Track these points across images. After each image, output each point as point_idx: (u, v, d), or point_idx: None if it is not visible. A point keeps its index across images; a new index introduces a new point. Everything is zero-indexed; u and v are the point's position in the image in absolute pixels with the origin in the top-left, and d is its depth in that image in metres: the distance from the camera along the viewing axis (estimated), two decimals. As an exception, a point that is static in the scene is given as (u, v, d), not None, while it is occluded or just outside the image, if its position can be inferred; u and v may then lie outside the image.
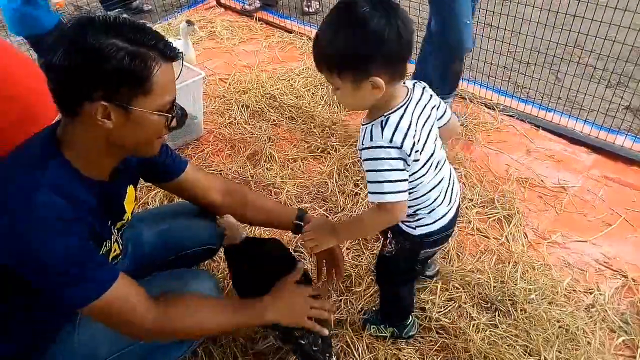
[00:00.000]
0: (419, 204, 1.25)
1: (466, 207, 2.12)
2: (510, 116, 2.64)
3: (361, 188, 2.22)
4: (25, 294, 1.07)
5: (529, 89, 2.75)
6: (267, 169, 2.39)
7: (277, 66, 3.22)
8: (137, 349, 1.20)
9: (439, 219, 1.29)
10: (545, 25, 2.44)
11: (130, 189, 1.26)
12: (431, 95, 1.20)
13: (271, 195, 2.24)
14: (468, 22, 1.94)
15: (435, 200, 1.26)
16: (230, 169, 2.41)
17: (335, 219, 2.09)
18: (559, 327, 1.65)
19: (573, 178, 2.26)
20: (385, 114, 1.11)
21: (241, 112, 2.79)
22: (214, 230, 1.55)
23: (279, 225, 1.56)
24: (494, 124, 2.60)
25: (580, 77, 2.47)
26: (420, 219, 1.28)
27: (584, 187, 2.21)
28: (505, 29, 2.62)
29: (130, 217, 1.30)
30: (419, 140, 1.13)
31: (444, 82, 2.18)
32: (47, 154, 1.03)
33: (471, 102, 2.76)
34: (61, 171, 1.02)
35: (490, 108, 2.71)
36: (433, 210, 1.27)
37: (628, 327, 1.67)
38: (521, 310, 1.71)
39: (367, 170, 1.11)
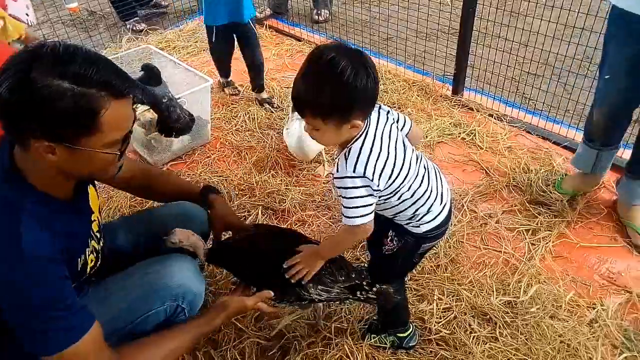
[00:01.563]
0: (415, 204, 1.32)
1: (482, 215, 2.12)
2: (518, 127, 2.64)
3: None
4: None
5: (537, 101, 2.74)
6: (272, 176, 2.41)
7: (286, 74, 3.25)
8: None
9: (438, 215, 1.36)
10: (553, 37, 2.44)
11: (90, 188, 1.27)
12: (387, 112, 1.32)
13: (275, 203, 2.25)
14: (607, 77, 1.82)
15: (428, 197, 1.33)
16: (235, 175, 2.43)
17: (338, 227, 2.10)
18: (561, 341, 1.64)
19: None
20: (347, 146, 1.23)
21: (248, 119, 2.81)
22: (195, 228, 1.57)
23: (189, 200, 1.63)
24: (503, 134, 2.59)
25: (588, 90, 2.46)
26: (422, 217, 1.35)
27: (592, 201, 2.19)
28: (513, 41, 2.62)
29: (100, 216, 1.31)
30: (387, 157, 1.23)
31: (585, 129, 2.06)
32: (15, 187, 1.02)
33: (478, 112, 2.77)
34: (34, 201, 1.02)
35: (497, 119, 2.71)
36: (430, 207, 1.34)
37: (631, 343, 1.65)
38: (522, 323, 1.70)
39: (339, 196, 1.25)
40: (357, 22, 3.64)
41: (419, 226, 1.36)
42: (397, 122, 1.33)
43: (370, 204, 1.23)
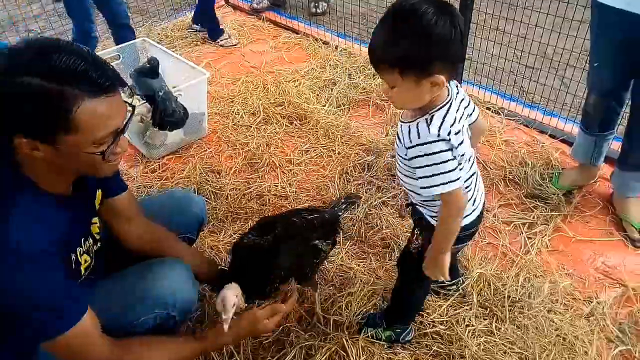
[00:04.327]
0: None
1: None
2: (515, 121, 2.63)
3: (362, 192, 2.23)
4: None
5: (534, 94, 2.73)
6: (268, 171, 2.40)
7: (283, 67, 3.23)
8: None
9: (470, 213, 1.31)
10: (551, 30, 2.43)
11: (98, 192, 1.27)
12: (458, 91, 1.23)
13: (270, 197, 2.25)
14: (596, 65, 1.90)
15: (470, 191, 1.28)
16: (231, 169, 2.42)
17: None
18: (557, 335, 1.65)
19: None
20: (430, 112, 1.14)
21: (245, 113, 2.80)
22: (190, 219, 1.58)
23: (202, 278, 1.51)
24: (500, 127, 2.59)
25: (586, 83, 2.45)
26: None
27: (588, 195, 2.19)
28: (511, 34, 2.60)
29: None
30: (462, 134, 1.17)
31: (582, 116, 2.12)
32: (10, 180, 1.03)
33: (475, 105, 2.75)
34: (27, 194, 1.03)
35: (495, 113, 2.70)
36: (470, 200, 1.29)
37: (626, 337, 1.65)
38: (519, 317, 1.70)
39: (418, 167, 1.15)
40: (355, 14, 3.62)
41: None
42: (467, 106, 1.25)
43: (455, 168, 1.14)
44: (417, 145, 1.13)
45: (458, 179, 1.15)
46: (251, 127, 2.70)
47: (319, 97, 2.90)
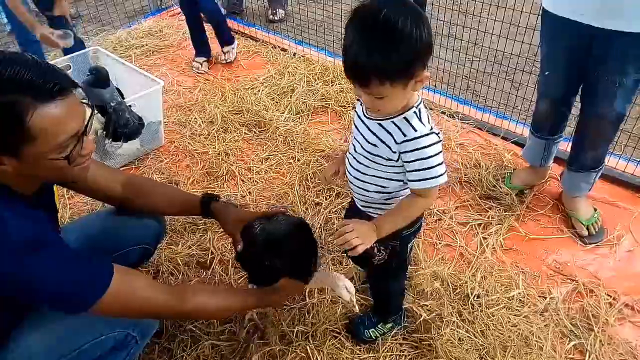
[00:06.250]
0: None
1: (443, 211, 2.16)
2: (469, 124, 2.70)
3: (322, 198, 2.24)
4: None
5: (487, 98, 2.82)
6: (227, 180, 2.38)
7: (241, 75, 3.22)
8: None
9: None
10: (499, 36, 2.52)
11: (54, 187, 1.28)
12: None
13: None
14: (547, 73, 1.96)
15: None
16: (189, 179, 2.38)
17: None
18: (513, 331, 1.69)
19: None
20: (415, 106, 1.17)
21: (203, 122, 2.77)
22: (147, 230, 1.57)
23: (184, 210, 1.58)
24: (455, 131, 2.65)
25: (534, 87, 2.55)
26: None
27: (539, 194, 2.27)
28: (462, 40, 2.68)
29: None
30: None
31: (532, 120, 2.19)
32: None
33: (431, 110, 2.82)
34: (5, 197, 1.03)
35: (450, 117, 2.77)
36: None
37: (578, 331, 1.71)
38: (477, 315, 1.74)
39: (413, 161, 1.17)
40: (312, 21, 3.64)
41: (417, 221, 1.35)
42: None
43: (443, 161, 1.18)
44: (414, 138, 1.15)
45: (445, 172, 1.18)
46: (209, 135, 2.67)
47: (278, 104, 2.90)
